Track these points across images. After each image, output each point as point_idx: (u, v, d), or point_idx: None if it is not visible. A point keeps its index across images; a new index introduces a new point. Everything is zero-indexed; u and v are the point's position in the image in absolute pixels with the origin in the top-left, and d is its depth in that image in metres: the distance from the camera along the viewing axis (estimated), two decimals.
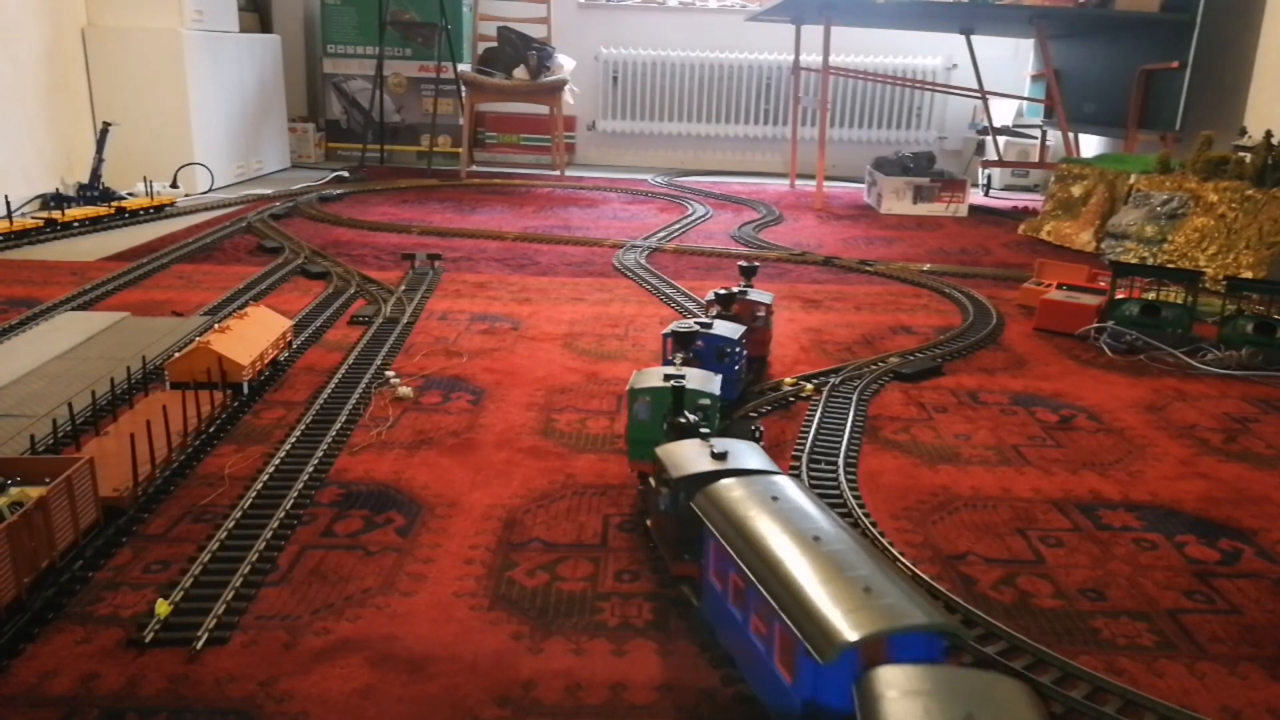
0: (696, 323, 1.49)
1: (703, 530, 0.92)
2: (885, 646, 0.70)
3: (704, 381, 1.26)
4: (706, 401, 1.23)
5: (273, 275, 2.43)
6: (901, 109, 5.27)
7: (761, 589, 0.78)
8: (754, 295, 1.72)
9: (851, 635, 0.69)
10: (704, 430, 1.15)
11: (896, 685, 0.63)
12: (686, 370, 1.28)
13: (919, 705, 0.62)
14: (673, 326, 1.45)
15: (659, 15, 5.22)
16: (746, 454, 1.05)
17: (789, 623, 0.73)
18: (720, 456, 1.03)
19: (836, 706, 0.71)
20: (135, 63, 3.66)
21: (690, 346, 1.42)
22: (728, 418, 1.50)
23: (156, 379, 1.62)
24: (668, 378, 1.24)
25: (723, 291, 1.66)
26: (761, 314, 1.74)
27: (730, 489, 0.93)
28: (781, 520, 0.86)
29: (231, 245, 2.82)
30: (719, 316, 1.57)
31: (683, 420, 1.18)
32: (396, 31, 4.79)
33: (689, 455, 1.04)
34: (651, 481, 1.10)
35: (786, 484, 0.94)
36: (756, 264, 1.85)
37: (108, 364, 1.67)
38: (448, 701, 0.86)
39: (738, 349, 1.50)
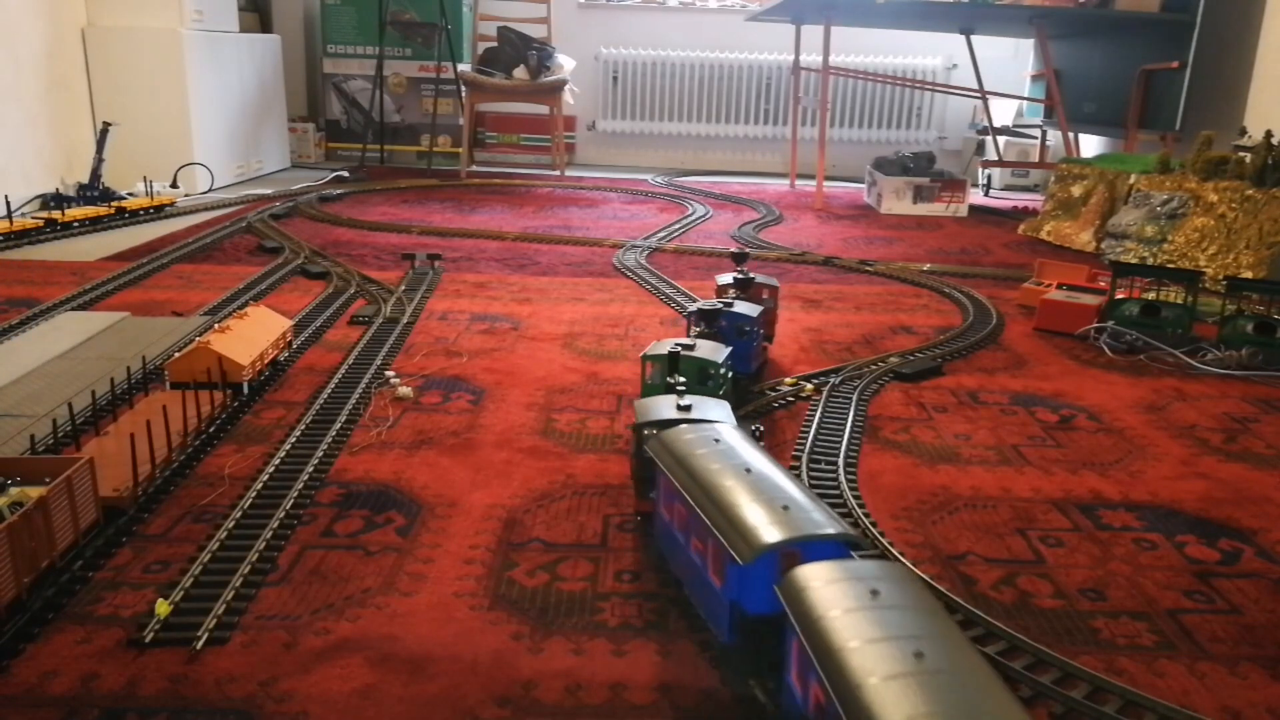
0: (720, 302, 1.61)
1: (655, 468, 1.04)
2: (799, 552, 0.82)
3: (712, 351, 1.37)
4: (712, 370, 1.35)
5: (273, 275, 2.43)
6: (901, 109, 5.27)
7: (699, 511, 0.90)
8: (762, 279, 1.81)
9: (768, 540, 0.82)
10: (680, 388, 1.25)
11: (815, 577, 0.74)
12: (698, 342, 1.38)
13: (835, 589, 0.73)
14: (698, 305, 1.58)
15: (659, 15, 5.22)
16: (710, 408, 1.16)
17: (718, 535, 0.85)
18: (685, 409, 1.14)
19: (756, 609, 0.83)
20: (135, 63, 3.66)
21: (714, 324, 1.55)
22: (752, 385, 1.64)
23: (156, 379, 1.62)
24: (675, 345, 1.36)
25: (739, 276, 1.76)
26: (767, 296, 1.82)
27: (681, 433, 1.04)
28: (719, 458, 0.97)
29: (231, 245, 2.82)
30: (738, 298, 1.68)
31: (672, 380, 1.29)
32: (396, 31, 4.80)
33: (657, 406, 1.16)
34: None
35: (729, 431, 1.05)
36: (748, 250, 1.93)
37: (108, 364, 1.67)
38: (448, 701, 0.86)
39: (755, 327, 1.62)
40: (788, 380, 1.72)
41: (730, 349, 1.41)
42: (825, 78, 3.90)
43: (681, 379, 1.30)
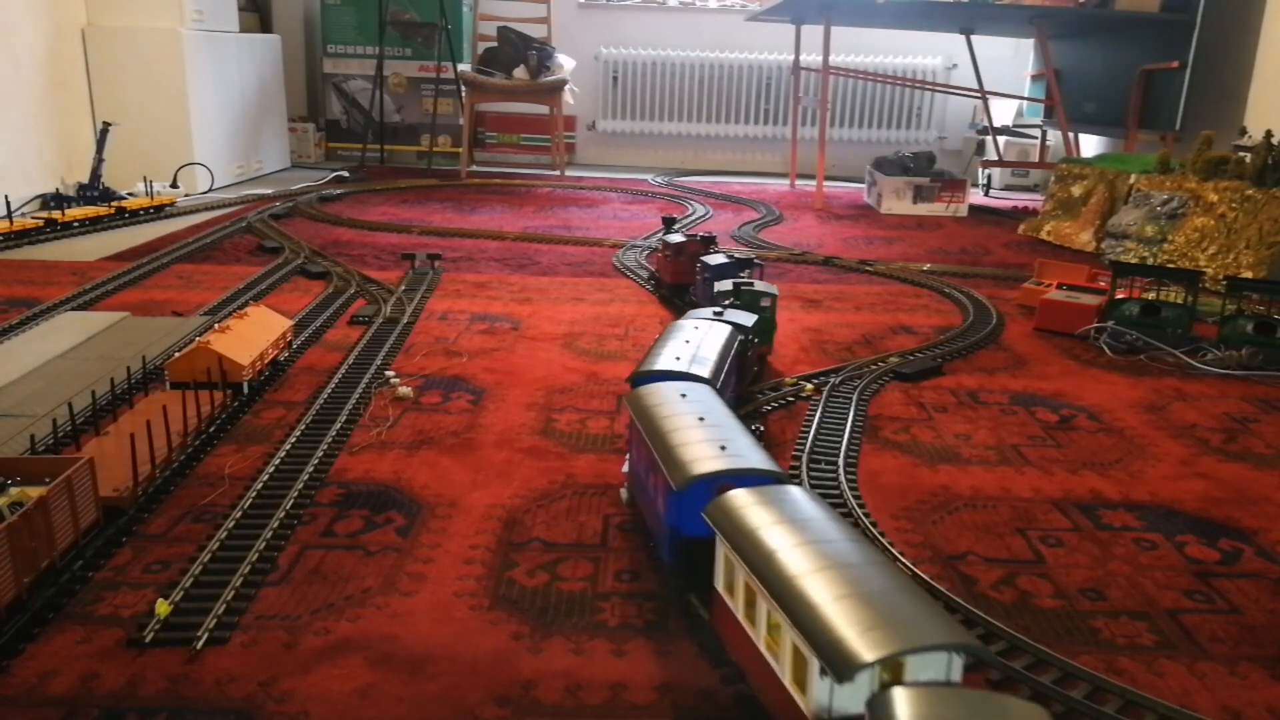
0: (738, 283, 1.83)
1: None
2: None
3: (765, 288, 1.77)
4: (767, 302, 1.75)
5: (273, 275, 2.43)
6: (901, 109, 5.26)
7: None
8: (761, 286, 1.88)
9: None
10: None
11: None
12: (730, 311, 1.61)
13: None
14: (723, 285, 1.81)
15: (659, 15, 5.22)
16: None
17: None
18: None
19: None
20: (135, 63, 3.66)
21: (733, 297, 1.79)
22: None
23: (156, 379, 1.62)
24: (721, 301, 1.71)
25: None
26: (745, 275, 2.00)
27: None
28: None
29: (231, 245, 2.82)
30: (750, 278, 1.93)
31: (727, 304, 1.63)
32: (396, 31, 4.80)
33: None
34: None
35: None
36: (675, 216, 2.22)
37: (108, 364, 1.67)
38: (448, 701, 0.86)
39: (769, 301, 1.82)
40: (788, 380, 1.72)
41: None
42: (825, 78, 3.90)
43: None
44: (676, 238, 2.29)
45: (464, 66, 4.72)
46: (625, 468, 1.27)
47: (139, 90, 3.67)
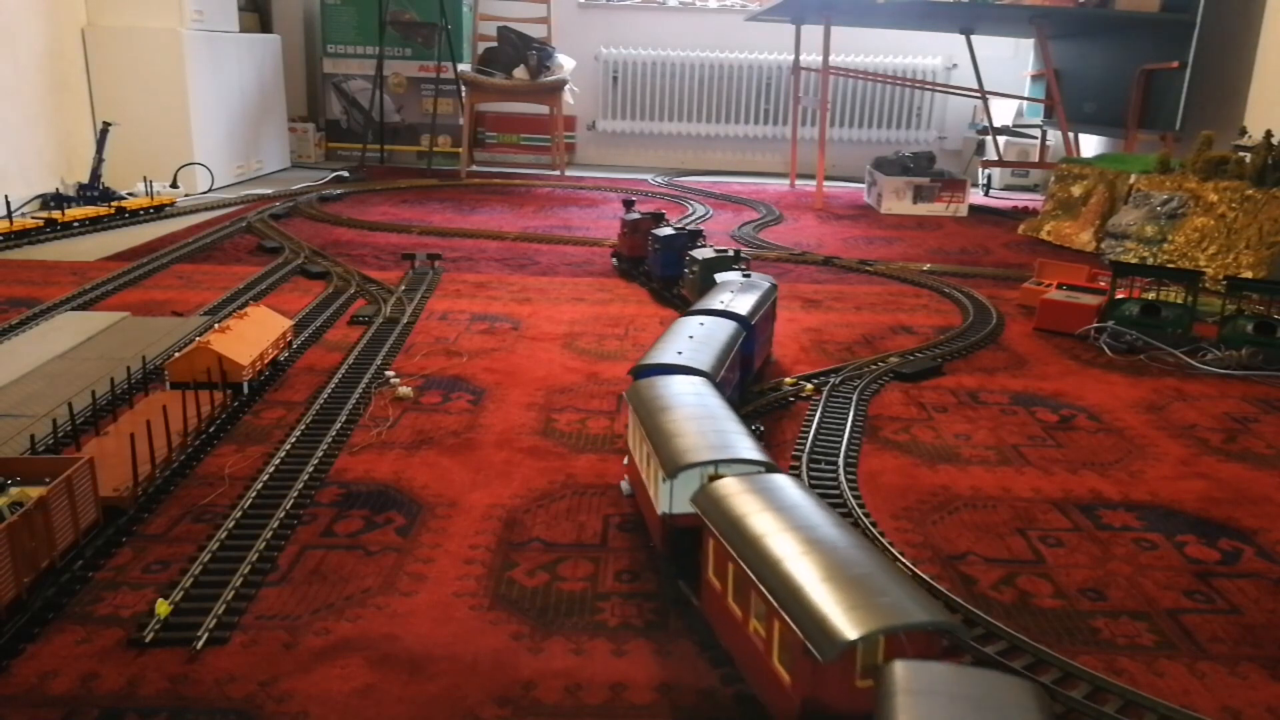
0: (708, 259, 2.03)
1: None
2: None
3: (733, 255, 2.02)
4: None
5: (273, 275, 2.43)
6: (901, 109, 5.27)
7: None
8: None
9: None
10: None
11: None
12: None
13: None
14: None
15: (659, 15, 5.22)
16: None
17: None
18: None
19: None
20: (135, 63, 3.66)
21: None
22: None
23: (156, 379, 1.62)
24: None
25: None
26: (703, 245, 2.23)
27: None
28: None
29: (231, 245, 2.82)
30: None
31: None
32: (396, 31, 4.80)
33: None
34: None
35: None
36: (633, 198, 2.73)
37: (108, 364, 1.67)
38: (448, 701, 0.86)
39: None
40: (788, 380, 1.72)
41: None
42: (825, 78, 3.90)
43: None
44: (633, 215, 2.52)
45: (464, 66, 4.72)
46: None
47: (139, 90, 3.67)
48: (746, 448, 1.02)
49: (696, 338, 1.43)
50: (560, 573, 1.08)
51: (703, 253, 2.07)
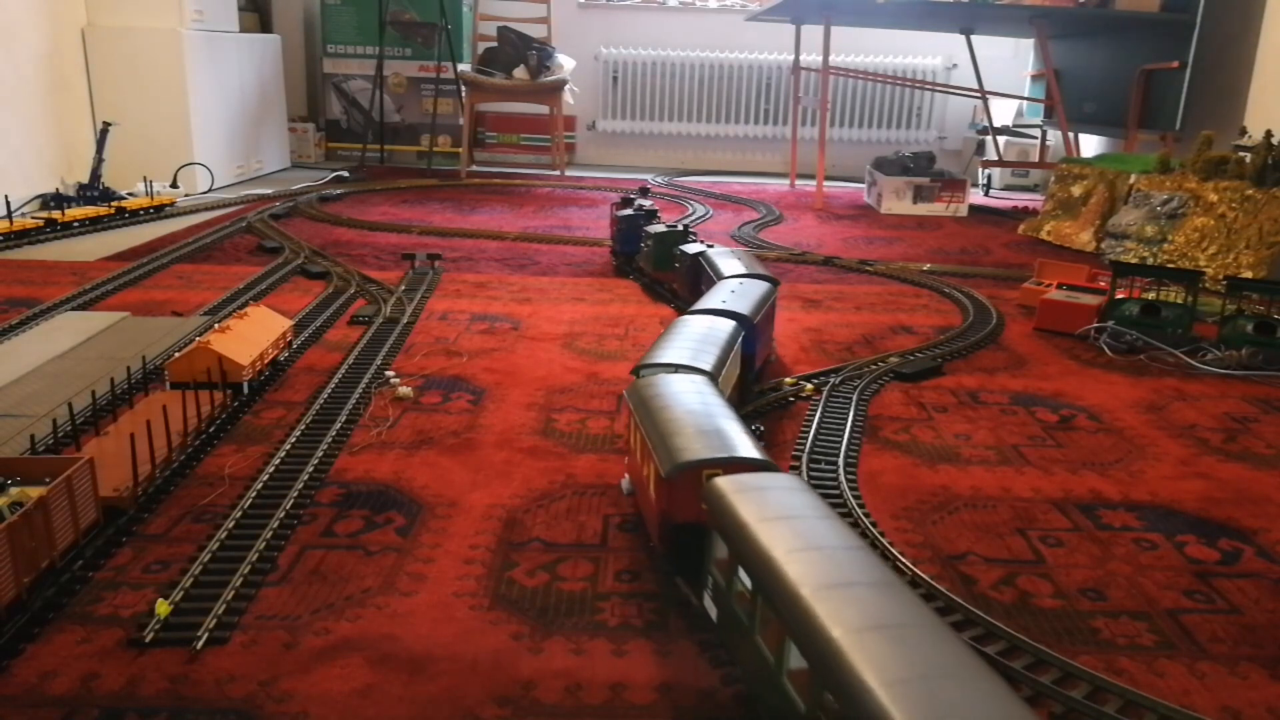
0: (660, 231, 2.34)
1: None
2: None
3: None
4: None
5: (273, 275, 2.43)
6: (901, 109, 5.26)
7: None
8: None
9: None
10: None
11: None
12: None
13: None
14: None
15: (659, 15, 5.22)
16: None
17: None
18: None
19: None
20: (135, 63, 3.66)
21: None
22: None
23: (156, 379, 1.62)
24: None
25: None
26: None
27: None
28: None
29: (231, 245, 2.82)
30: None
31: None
32: (396, 31, 4.79)
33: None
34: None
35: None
36: (648, 187, 3.12)
37: (108, 364, 1.67)
38: (448, 701, 0.86)
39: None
40: (788, 380, 1.72)
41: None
42: (825, 78, 3.90)
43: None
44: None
45: (464, 66, 4.72)
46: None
47: (139, 90, 3.67)
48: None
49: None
50: (560, 573, 1.08)
51: (655, 228, 2.40)
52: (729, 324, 1.52)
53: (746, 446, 1.03)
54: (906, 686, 0.60)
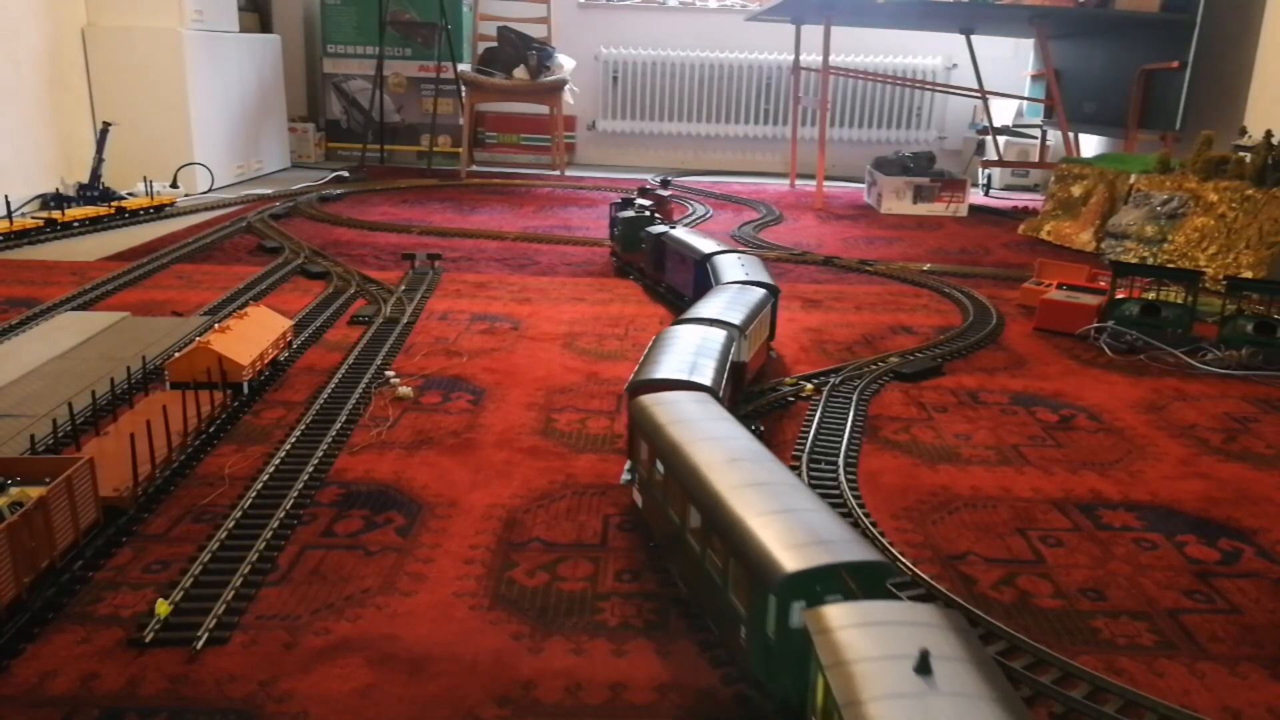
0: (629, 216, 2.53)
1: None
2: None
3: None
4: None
5: (273, 275, 2.43)
6: (901, 109, 5.26)
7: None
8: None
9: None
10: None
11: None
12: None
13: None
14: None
15: (659, 15, 5.22)
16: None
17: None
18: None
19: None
20: (135, 63, 3.66)
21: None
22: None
23: (156, 379, 1.62)
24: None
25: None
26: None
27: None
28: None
29: (231, 245, 2.82)
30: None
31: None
32: (396, 31, 4.79)
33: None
34: None
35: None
36: (668, 178, 3.37)
37: (108, 364, 1.67)
38: (448, 701, 0.86)
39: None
40: (788, 380, 1.72)
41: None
42: (825, 78, 3.90)
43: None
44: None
45: (464, 66, 4.72)
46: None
47: (139, 90, 3.67)
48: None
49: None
50: (560, 573, 1.08)
51: (625, 213, 2.60)
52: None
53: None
54: (770, 517, 0.84)
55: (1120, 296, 2.14)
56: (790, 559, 0.78)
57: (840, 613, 0.69)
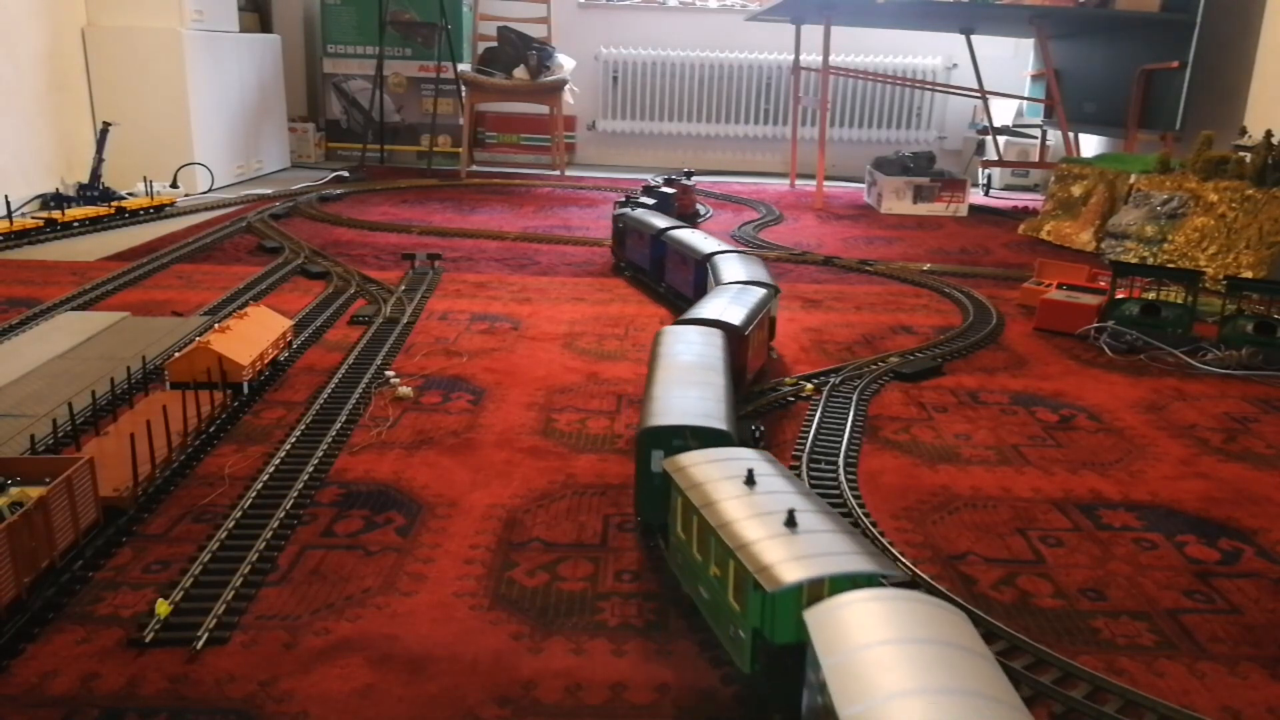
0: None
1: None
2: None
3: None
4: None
5: (273, 275, 2.43)
6: (901, 109, 5.26)
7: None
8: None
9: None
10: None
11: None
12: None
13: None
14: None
15: (659, 15, 5.22)
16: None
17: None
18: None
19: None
20: (135, 63, 3.66)
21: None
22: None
23: (156, 379, 1.62)
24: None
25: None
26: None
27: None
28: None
29: (231, 245, 2.82)
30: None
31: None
32: (396, 31, 4.79)
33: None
34: None
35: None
36: (690, 171, 3.37)
37: (108, 364, 1.67)
38: (448, 701, 0.86)
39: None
40: (788, 380, 1.72)
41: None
42: (825, 78, 3.90)
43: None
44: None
45: (464, 66, 4.72)
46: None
47: (139, 90, 3.67)
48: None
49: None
50: (560, 573, 1.08)
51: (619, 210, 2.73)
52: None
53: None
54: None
55: (1120, 296, 2.14)
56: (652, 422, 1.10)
57: (688, 457, 1.02)
